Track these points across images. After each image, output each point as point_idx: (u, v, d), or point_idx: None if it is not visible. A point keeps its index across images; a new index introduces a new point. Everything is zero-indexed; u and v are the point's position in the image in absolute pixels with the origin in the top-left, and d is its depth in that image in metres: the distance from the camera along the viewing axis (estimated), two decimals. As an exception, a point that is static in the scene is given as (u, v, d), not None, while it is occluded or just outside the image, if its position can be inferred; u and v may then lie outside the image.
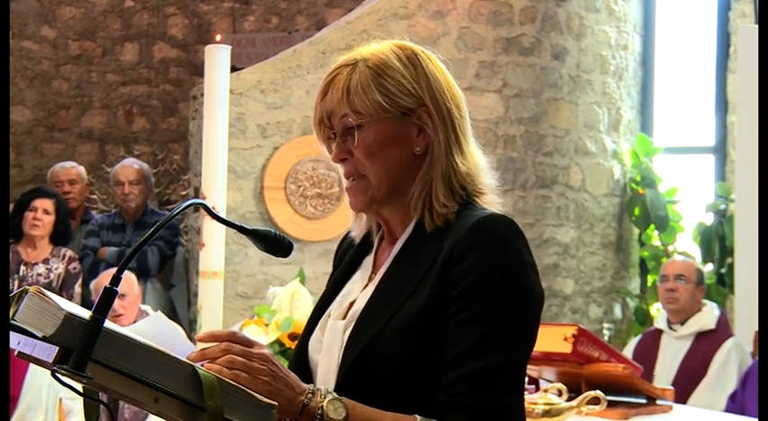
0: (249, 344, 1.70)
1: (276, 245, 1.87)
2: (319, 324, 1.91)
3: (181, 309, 6.25)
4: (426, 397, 1.70)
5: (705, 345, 5.10)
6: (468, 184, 1.83)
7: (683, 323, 5.16)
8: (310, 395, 1.69)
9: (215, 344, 1.69)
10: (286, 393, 1.68)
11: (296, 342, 4.20)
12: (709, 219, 6.77)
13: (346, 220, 2.00)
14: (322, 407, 1.68)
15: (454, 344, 1.68)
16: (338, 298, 1.90)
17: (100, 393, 1.69)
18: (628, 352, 5.28)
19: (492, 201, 1.85)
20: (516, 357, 1.70)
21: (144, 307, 5.25)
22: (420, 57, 1.85)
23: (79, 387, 1.63)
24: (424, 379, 1.70)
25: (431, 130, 1.81)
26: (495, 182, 1.87)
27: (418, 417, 1.68)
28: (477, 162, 1.85)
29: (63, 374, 1.54)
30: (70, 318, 1.53)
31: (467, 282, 1.69)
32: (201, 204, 1.85)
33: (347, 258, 1.99)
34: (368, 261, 1.93)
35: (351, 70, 1.82)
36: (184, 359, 1.65)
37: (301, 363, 1.91)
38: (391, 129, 1.81)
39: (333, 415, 1.67)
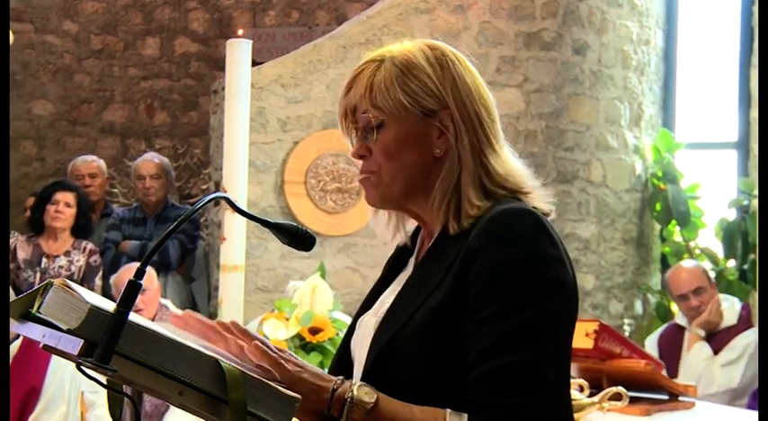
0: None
1: (299, 238, 1.88)
2: (359, 320, 1.92)
3: (201, 302, 6.27)
4: (449, 395, 1.68)
5: (727, 337, 5.10)
6: (507, 185, 1.80)
7: (709, 331, 5.15)
8: (339, 382, 1.70)
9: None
10: (317, 381, 1.70)
11: (316, 336, 4.24)
12: (732, 214, 6.74)
13: (366, 215, 2.01)
14: (353, 391, 1.68)
15: (475, 343, 1.66)
16: (382, 296, 1.90)
17: (124, 386, 1.70)
18: (648, 346, 5.27)
19: (537, 197, 1.83)
20: (540, 352, 1.65)
21: (164, 301, 5.27)
22: (449, 58, 1.83)
23: (103, 379, 1.64)
24: (445, 377, 1.69)
25: (452, 134, 1.79)
26: (535, 181, 1.85)
27: (449, 411, 1.67)
28: (512, 163, 1.83)
29: (88, 367, 1.54)
30: (95, 311, 1.53)
31: (483, 279, 1.67)
32: (225, 198, 1.86)
33: (394, 257, 1.99)
34: (412, 261, 1.93)
35: (377, 67, 1.82)
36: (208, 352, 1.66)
37: (344, 359, 1.92)
38: (411, 130, 1.80)
39: (364, 397, 1.67)
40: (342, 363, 1.93)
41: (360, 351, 1.85)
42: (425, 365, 1.71)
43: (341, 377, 1.72)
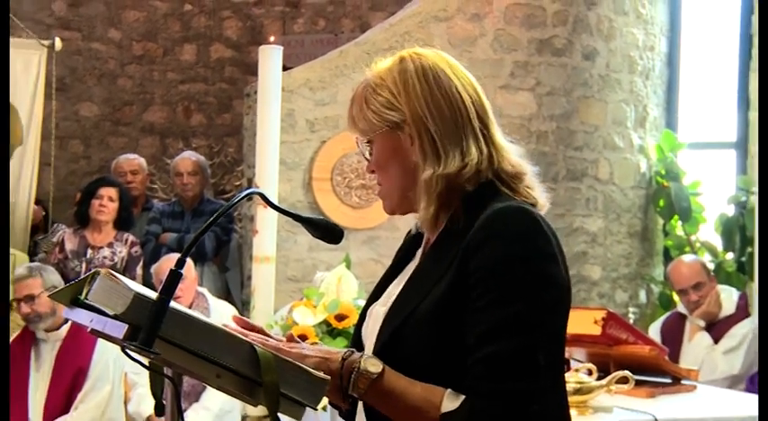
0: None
1: (328, 232, 1.88)
2: (368, 311, 1.91)
3: (235, 291, 6.29)
4: (450, 381, 1.68)
5: (726, 326, 5.08)
6: (474, 182, 1.78)
7: (708, 321, 5.13)
8: (349, 353, 1.73)
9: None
10: (322, 354, 1.73)
11: (342, 322, 4.25)
12: (731, 210, 6.70)
13: (389, 211, 2.00)
14: (360, 361, 1.71)
15: (472, 332, 1.66)
16: (390, 287, 1.90)
17: (165, 367, 1.70)
18: (652, 332, 5.26)
19: (526, 186, 1.82)
20: (531, 341, 1.65)
21: (200, 289, 5.29)
22: (405, 66, 1.83)
23: (146, 361, 1.64)
24: (447, 365, 1.69)
25: (414, 141, 1.79)
26: (516, 166, 1.82)
27: (449, 390, 1.67)
28: (468, 162, 1.77)
29: (132, 350, 1.55)
30: (139, 298, 1.54)
31: (480, 273, 1.67)
32: (260, 194, 1.86)
33: (403, 249, 1.99)
34: (419, 253, 1.92)
35: (360, 90, 1.86)
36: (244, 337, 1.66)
37: (356, 347, 1.91)
38: (388, 143, 1.82)
39: (371, 368, 1.69)
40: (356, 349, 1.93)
41: (369, 340, 1.85)
42: (429, 353, 1.71)
43: (352, 349, 1.74)
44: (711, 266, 5.96)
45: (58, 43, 6.66)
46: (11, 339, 4.92)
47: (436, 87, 1.79)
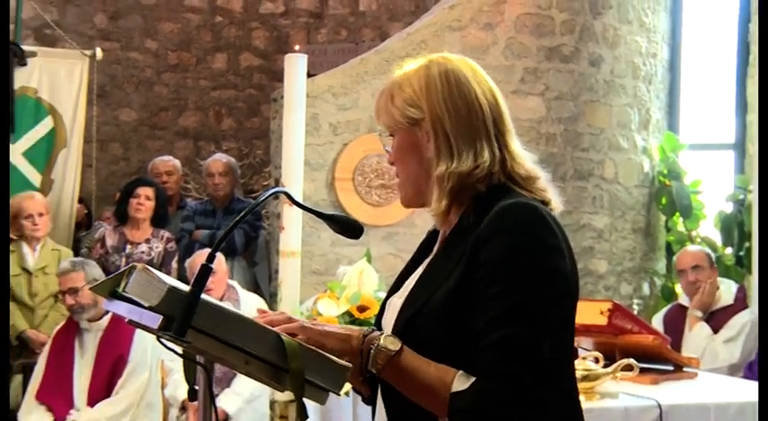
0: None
1: (350, 228, 1.88)
2: (387, 302, 1.91)
3: (263, 283, 6.29)
4: (461, 367, 1.67)
5: (725, 317, 5.05)
6: (485, 183, 1.77)
7: (703, 310, 5.11)
8: (370, 330, 1.74)
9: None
10: (344, 331, 1.74)
11: (363, 313, 4.24)
12: (729, 207, 6.67)
13: (407, 209, 2.00)
14: (380, 339, 1.70)
15: (480, 321, 1.65)
16: (408, 280, 1.89)
17: (197, 355, 1.70)
18: (655, 323, 5.23)
19: (538, 188, 1.81)
20: (535, 329, 1.63)
21: (231, 282, 5.29)
22: (431, 69, 1.83)
23: (180, 350, 1.64)
24: (457, 352, 1.68)
25: (430, 138, 1.79)
26: (530, 171, 1.81)
27: (460, 372, 1.66)
28: (480, 163, 1.76)
29: (166, 339, 1.55)
30: (172, 291, 1.54)
31: (489, 265, 1.66)
32: (285, 192, 1.86)
33: (423, 244, 1.98)
34: (436, 248, 1.91)
35: (387, 87, 1.87)
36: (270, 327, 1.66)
37: None
38: (407, 138, 1.82)
39: (389, 345, 1.69)
40: None
41: (387, 329, 1.83)
42: (440, 341, 1.70)
43: (373, 327, 1.74)
44: (711, 260, 5.95)
45: (99, 53, 6.68)
46: (57, 328, 4.95)
47: (456, 90, 1.79)
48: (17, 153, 6.40)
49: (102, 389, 4.71)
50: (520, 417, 1.62)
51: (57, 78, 6.53)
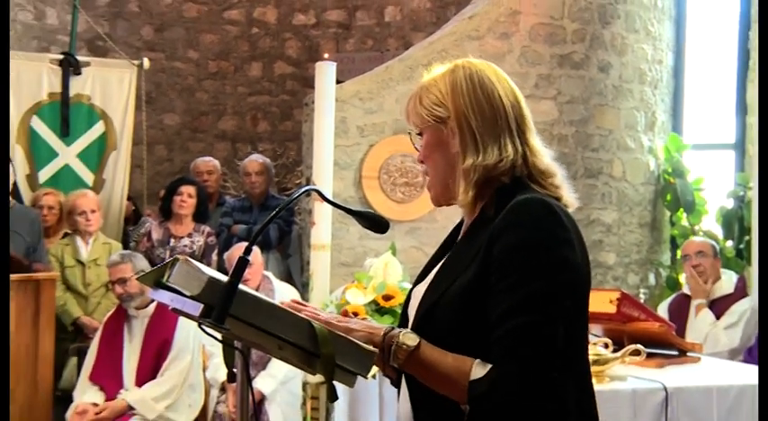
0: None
1: (377, 223, 1.88)
2: (413, 291, 1.90)
3: (296, 274, 6.30)
4: (477, 352, 1.65)
5: (726, 305, 5.02)
6: (508, 176, 1.76)
7: (699, 298, 5.09)
8: (390, 328, 1.72)
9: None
10: (367, 328, 1.73)
11: (388, 302, 4.23)
12: (730, 203, 6.64)
13: (429, 204, 1.99)
14: (399, 336, 1.69)
15: (495, 309, 1.63)
16: (434, 270, 1.87)
17: (235, 341, 1.70)
18: (660, 311, 5.20)
19: (552, 183, 1.79)
20: (547, 317, 1.61)
21: (266, 273, 5.30)
22: (456, 72, 1.82)
23: (219, 336, 1.64)
24: (474, 340, 1.66)
25: (455, 134, 1.78)
26: (548, 166, 1.80)
27: (477, 361, 1.65)
28: (504, 157, 1.75)
29: (207, 326, 1.55)
30: (212, 282, 1.54)
31: (501, 257, 1.64)
32: (316, 190, 1.86)
33: (448, 236, 1.96)
34: (459, 239, 1.90)
35: (416, 90, 1.87)
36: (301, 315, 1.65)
37: (404, 323, 1.90)
38: (434, 136, 1.81)
39: (408, 341, 1.68)
40: (402, 327, 1.91)
41: (412, 316, 1.83)
42: (457, 330, 1.69)
43: (393, 325, 1.74)
44: (713, 253, 5.91)
45: (146, 63, 6.71)
46: (108, 315, 4.97)
47: (480, 90, 1.79)
48: (72, 154, 6.44)
49: (148, 370, 4.74)
50: (535, 402, 1.60)
51: (108, 86, 6.56)
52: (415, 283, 1.91)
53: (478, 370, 1.63)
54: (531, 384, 1.59)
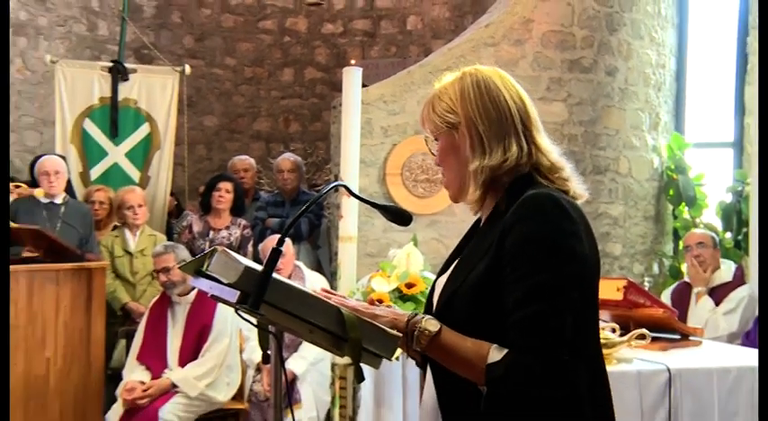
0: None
1: (400, 216, 1.87)
2: (437, 282, 1.89)
3: (325, 264, 6.31)
4: (493, 338, 1.64)
5: (725, 292, 4.98)
6: (507, 175, 1.75)
7: (699, 286, 5.05)
8: (413, 315, 1.72)
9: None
10: (391, 315, 1.73)
11: (410, 289, 4.21)
12: (729, 198, 6.58)
13: (447, 199, 1.98)
14: (422, 321, 1.69)
15: (508, 300, 1.62)
16: (455, 262, 1.86)
17: (269, 325, 1.70)
18: (664, 298, 5.17)
19: (560, 178, 1.78)
20: (555, 306, 1.59)
21: (297, 263, 5.31)
22: (464, 80, 1.81)
23: (254, 321, 1.63)
24: (490, 327, 1.65)
25: (465, 139, 1.77)
26: (555, 162, 1.78)
27: (494, 345, 1.64)
28: (508, 156, 1.74)
29: (243, 311, 1.54)
30: (248, 270, 1.54)
31: (513, 250, 1.63)
32: (344, 186, 1.85)
33: (469, 231, 1.95)
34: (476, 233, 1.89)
35: (428, 98, 1.86)
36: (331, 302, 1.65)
37: (429, 311, 1.89)
38: (447, 141, 1.80)
39: (430, 327, 1.67)
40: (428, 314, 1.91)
41: (435, 304, 1.82)
42: (473, 317, 1.68)
43: (416, 312, 1.73)
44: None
45: (188, 69, 6.73)
46: (153, 301, 5.00)
47: (486, 95, 1.77)
48: (120, 154, 6.48)
49: (190, 352, 4.76)
50: (547, 386, 1.58)
51: (153, 91, 6.59)
52: (439, 274, 1.90)
53: (495, 354, 1.63)
54: (542, 369, 1.58)
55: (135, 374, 4.72)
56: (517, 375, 1.58)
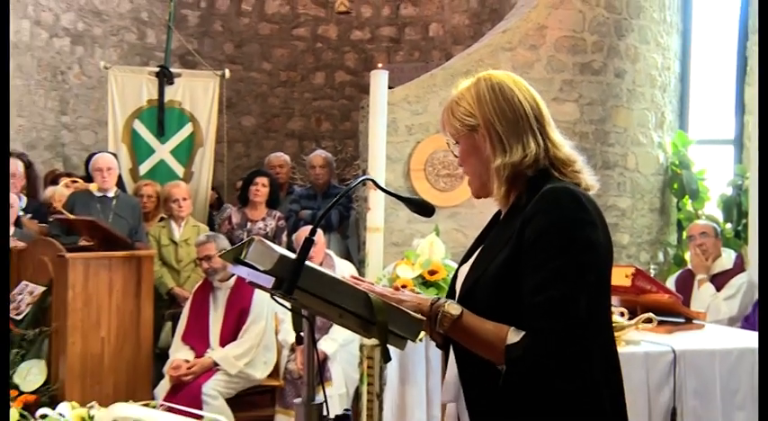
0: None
1: (423, 208, 1.85)
2: (459, 270, 1.87)
3: (354, 253, 6.30)
4: (512, 321, 1.63)
5: (726, 279, 4.92)
6: (534, 168, 1.72)
7: (701, 273, 5.00)
8: (436, 300, 1.70)
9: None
10: (416, 300, 1.71)
11: (433, 276, 4.19)
12: (729, 191, 6.52)
13: (467, 192, 1.96)
14: (445, 305, 1.67)
15: (527, 284, 1.61)
16: (476, 252, 1.84)
17: (302, 309, 1.69)
18: (669, 284, 5.12)
19: (573, 171, 1.75)
20: (571, 291, 1.57)
21: (328, 251, 5.30)
22: (479, 85, 1.78)
23: (288, 305, 1.63)
24: (509, 311, 1.63)
25: (485, 139, 1.75)
26: (569, 155, 1.76)
27: (512, 328, 1.62)
28: (528, 153, 1.72)
29: (278, 296, 1.53)
30: (282, 258, 1.53)
31: (532, 239, 1.62)
32: (371, 180, 1.83)
33: (489, 223, 1.94)
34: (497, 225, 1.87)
35: (448, 103, 1.83)
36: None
37: (451, 297, 1.87)
38: (469, 142, 1.78)
39: (452, 310, 1.66)
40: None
41: (458, 291, 1.80)
42: (495, 304, 1.66)
43: (440, 296, 1.73)
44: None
45: (227, 73, 6.74)
46: (196, 287, 5.01)
47: (501, 97, 1.75)
48: (166, 151, 6.51)
49: (230, 333, 4.77)
50: (563, 365, 1.58)
51: (196, 93, 6.61)
52: (461, 263, 1.89)
53: (513, 336, 1.61)
54: (559, 350, 1.57)
55: (180, 353, 4.75)
56: (535, 355, 1.57)
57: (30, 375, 4.34)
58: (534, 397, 1.61)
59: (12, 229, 5.06)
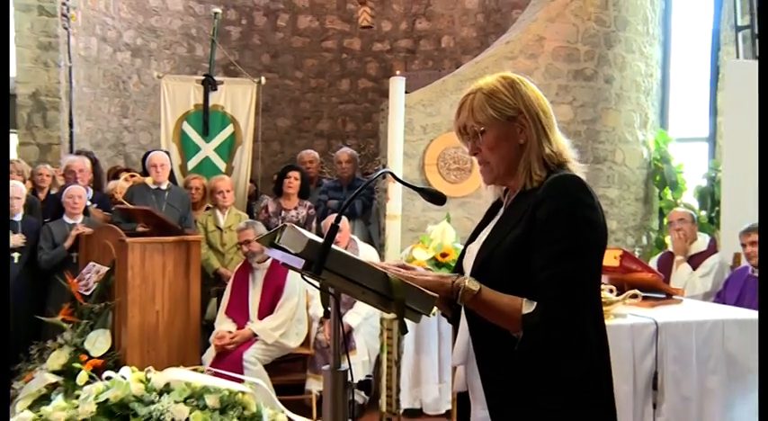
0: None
1: (436, 197, 1.82)
2: (467, 248, 1.84)
3: (375, 238, 6.28)
4: (523, 294, 1.61)
5: (701, 259, 4.87)
6: (557, 158, 1.70)
7: (680, 254, 4.95)
8: (457, 276, 1.67)
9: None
10: (439, 278, 1.68)
11: (444, 258, 4.16)
12: (704, 182, 6.46)
13: (475, 184, 1.93)
14: (465, 281, 1.65)
15: (537, 261, 1.59)
16: (481, 233, 1.82)
17: (329, 287, 1.67)
18: (652, 264, 5.07)
19: (577, 166, 1.73)
20: (576, 267, 1.57)
21: (352, 236, 5.28)
22: (516, 82, 1.74)
23: (317, 284, 1.61)
24: (520, 285, 1.61)
25: (527, 129, 1.70)
26: (575, 155, 1.74)
27: (524, 299, 1.60)
28: (561, 144, 1.73)
29: (308, 276, 1.52)
30: (311, 242, 1.51)
31: (542, 221, 1.59)
32: (390, 173, 1.81)
33: (489, 209, 1.91)
34: (501, 211, 1.84)
35: (473, 97, 1.75)
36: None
37: (459, 273, 1.84)
38: (502, 131, 1.72)
39: (471, 286, 1.63)
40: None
41: (467, 269, 1.77)
42: (507, 278, 1.63)
43: (459, 274, 1.70)
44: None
45: (264, 81, 6.73)
46: (237, 267, 5.02)
47: (533, 93, 1.73)
48: (211, 149, 6.52)
49: (267, 308, 4.78)
50: (569, 330, 1.59)
51: (236, 98, 6.61)
52: (468, 243, 1.86)
53: (527, 306, 1.60)
54: (570, 316, 1.57)
55: (224, 325, 4.76)
56: (550, 322, 1.56)
57: (97, 343, 4.38)
58: (544, 368, 1.61)
59: (80, 217, 5.16)
